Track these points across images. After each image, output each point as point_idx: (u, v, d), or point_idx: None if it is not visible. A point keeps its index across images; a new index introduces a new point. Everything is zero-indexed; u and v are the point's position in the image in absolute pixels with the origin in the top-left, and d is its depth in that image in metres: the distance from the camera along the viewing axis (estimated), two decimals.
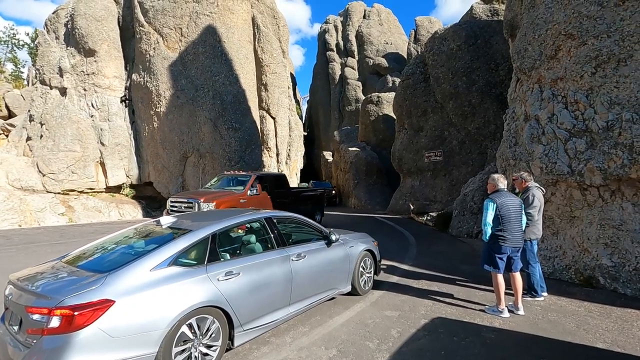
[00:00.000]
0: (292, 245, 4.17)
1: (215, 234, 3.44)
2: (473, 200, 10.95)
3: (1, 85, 30.26)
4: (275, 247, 3.93)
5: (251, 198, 10.04)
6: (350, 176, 22.48)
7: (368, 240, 5.50)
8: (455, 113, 15.57)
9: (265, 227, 4.00)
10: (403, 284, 5.77)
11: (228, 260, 3.45)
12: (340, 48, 42.07)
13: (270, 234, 3.98)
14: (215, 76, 17.17)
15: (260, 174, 11.46)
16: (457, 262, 7.24)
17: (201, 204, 8.92)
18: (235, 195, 9.95)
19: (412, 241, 9.84)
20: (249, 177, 10.84)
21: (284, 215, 4.55)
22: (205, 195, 9.57)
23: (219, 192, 10.42)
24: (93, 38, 19.27)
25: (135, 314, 2.64)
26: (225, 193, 10.24)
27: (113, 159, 19.11)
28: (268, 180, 11.22)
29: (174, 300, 2.86)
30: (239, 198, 9.84)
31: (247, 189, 10.14)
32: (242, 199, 9.89)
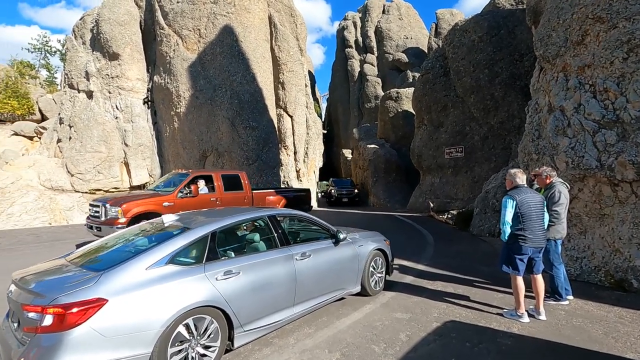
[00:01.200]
0: (296, 244, 4.06)
1: (214, 232, 3.37)
2: (495, 198, 10.48)
3: (35, 90, 31.75)
4: (279, 246, 3.82)
5: (181, 201, 8.61)
6: (369, 174, 22.17)
7: (379, 239, 5.31)
8: (476, 107, 14.98)
9: (269, 225, 3.90)
10: (417, 285, 5.55)
11: (228, 259, 3.37)
12: (359, 44, 41.64)
13: (273, 233, 3.87)
14: (232, 76, 17.31)
15: (204, 173, 10.02)
16: (476, 263, 6.91)
17: (108, 208, 7.82)
18: (158, 198, 8.54)
19: (430, 240, 9.53)
20: (185, 176, 9.48)
21: (289, 213, 4.44)
22: (115, 199, 8.28)
23: (135, 195, 9.26)
24: (117, 42, 19.89)
25: (129, 313, 2.60)
26: (143, 195, 8.98)
27: (136, 159, 19.68)
28: (217, 179, 9.63)
29: (170, 300, 2.80)
30: (162, 201, 8.45)
31: (178, 190, 8.75)
32: (168, 202, 8.45)
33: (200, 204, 8.54)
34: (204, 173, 10.11)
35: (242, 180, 10.17)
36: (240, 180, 10.15)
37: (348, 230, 5.21)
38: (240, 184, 10.06)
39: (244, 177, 10.32)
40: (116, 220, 7.69)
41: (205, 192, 9.36)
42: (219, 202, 9.25)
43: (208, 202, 9.14)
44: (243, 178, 10.26)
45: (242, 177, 10.30)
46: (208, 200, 9.21)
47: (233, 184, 9.93)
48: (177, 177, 9.76)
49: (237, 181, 10.13)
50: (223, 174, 9.95)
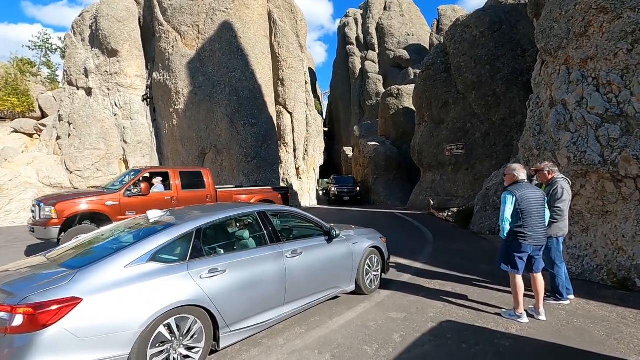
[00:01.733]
0: (288, 242, 3.92)
1: (200, 229, 3.24)
2: (496, 195, 10.31)
3: (36, 88, 31.72)
4: (268, 243, 3.69)
5: (128, 200, 7.96)
6: (369, 171, 22.01)
7: (375, 237, 5.17)
8: (478, 104, 14.79)
9: (258, 222, 3.77)
10: (414, 283, 5.41)
11: (214, 257, 3.24)
12: (360, 41, 41.35)
13: (263, 230, 3.74)
14: (231, 72, 17.17)
15: (160, 170, 9.34)
16: (475, 261, 6.76)
17: (42, 207, 7.21)
18: (100, 197, 7.83)
19: (430, 238, 9.38)
20: (137, 172, 8.83)
21: (280, 209, 4.30)
22: (50, 198, 7.75)
23: (75, 193, 8.70)
24: (115, 38, 19.77)
25: (105, 313, 2.47)
26: (84, 194, 8.32)
27: (135, 156, 19.58)
28: (174, 177, 8.88)
29: (151, 299, 2.68)
30: (106, 200, 7.76)
31: (125, 188, 8.08)
32: (112, 202, 7.79)
33: (152, 204, 7.85)
34: (160, 170, 9.46)
35: (204, 177, 9.44)
36: (202, 178, 9.42)
37: (343, 228, 5.09)
38: (202, 182, 9.34)
39: (207, 174, 9.59)
40: (49, 220, 7.03)
41: (160, 190, 8.66)
42: (175, 202, 8.59)
43: (162, 201, 8.45)
44: (206, 175, 9.52)
45: (205, 174, 9.56)
46: (162, 199, 8.50)
47: (193, 182, 9.26)
48: (132, 174, 9.04)
49: (199, 178, 9.41)
50: (182, 171, 9.27)
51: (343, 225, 5.43)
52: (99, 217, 7.61)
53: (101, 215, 7.62)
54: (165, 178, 8.92)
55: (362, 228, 5.36)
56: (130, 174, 8.95)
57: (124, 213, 7.78)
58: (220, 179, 17.73)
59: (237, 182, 16.69)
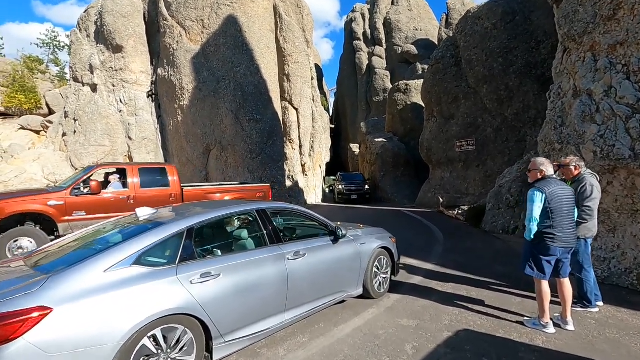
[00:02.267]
0: (289, 242, 3.61)
1: (191, 229, 2.93)
2: (510, 193, 9.88)
3: (44, 85, 31.84)
4: (268, 244, 3.37)
5: (75, 200, 7.12)
6: (377, 168, 21.60)
7: (384, 236, 4.83)
8: (490, 98, 14.29)
9: (257, 220, 3.45)
10: (425, 286, 5.06)
11: (207, 260, 2.93)
12: (367, 37, 40.81)
13: (262, 229, 3.42)
14: (236, 67, 16.87)
15: (119, 167, 8.51)
16: (490, 262, 6.37)
17: None
18: (42, 196, 7.03)
19: (440, 237, 9.00)
20: (89, 169, 8.06)
21: (281, 207, 3.97)
22: None
23: (14, 192, 7.95)
24: (120, 34, 19.61)
25: (79, 324, 2.18)
26: (24, 192, 7.53)
27: (140, 152, 19.45)
28: (132, 174, 8.04)
29: (133, 308, 2.38)
30: (48, 199, 6.94)
31: (72, 186, 7.25)
32: (56, 201, 6.96)
33: (104, 204, 7.33)
34: (117, 166, 8.69)
35: (168, 174, 8.53)
36: (165, 175, 8.53)
37: (350, 227, 4.76)
38: (166, 179, 8.45)
39: (172, 171, 8.64)
40: None
41: (117, 189, 7.88)
42: (131, 202, 7.80)
43: (116, 201, 7.67)
44: (170, 172, 8.59)
45: (170, 171, 8.64)
46: (116, 199, 7.70)
47: (155, 180, 8.43)
48: (86, 170, 8.28)
49: (161, 176, 8.53)
50: (142, 167, 8.47)
51: (350, 225, 5.10)
52: (42, 218, 6.90)
53: (42, 216, 6.88)
54: (123, 175, 8.15)
55: (370, 227, 5.02)
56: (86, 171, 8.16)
57: (71, 214, 7.07)
58: (225, 175, 17.50)
59: (242, 179, 16.46)
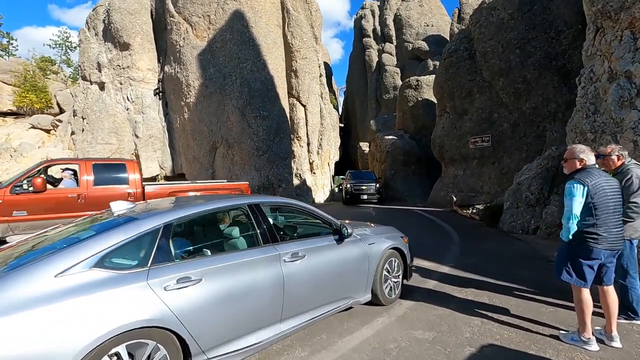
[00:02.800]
0: (287, 242, 3.16)
1: (168, 225, 2.49)
2: (529, 190, 9.26)
3: (55, 85, 32.13)
4: (261, 244, 2.92)
5: (15, 198, 6.51)
6: (387, 166, 21.03)
7: (395, 236, 4.34)
8: (506, 92, 13.62)
9: (250, 217, 3.00)
10: (442, 291, 4.55)
11: (186, 262, 2.50)
12: (377, 34, 40.13)
13: (255, 227, 2.97)
14: (242, 63, 16.53)
15: (68, 162, 7.89)
16: (512, 265, 5.81)
17: None
18: None
19: (455, 237, 8.44)
20: (37, 165, 7.46)
21: (277, 201, 3.52)
22: None
23: None
24: (127, 32, 19.50)
25: (22, 341, 1.77)
26: None
27: (147, 150, 19.31)
28: (84, 170, 7.23)
29: (90, 320, 1.96)
30: None
31: (13, 184, 6.64)
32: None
33: (50, 203, 6.66)
34: (69, 162, 7.99)
35: (128, 171, 7.66)
36: (125, 172, 7.64)
37: (358, 225, 4.29)
38: (124, 177, 7.58)
39: (133, 168, 7.76)
40: None
41: (68, 186, 7.15)
42: (83, 201, 7.06)
43: (64, 199, 6.93)
44: (131, 169, 7.70)
45: (130, 167, 7.76)
46: (64, 197, 6.94)
47: (111, 177, 7.60)
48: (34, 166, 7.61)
49: (119, 173, 7.64)
50: (96, 163, 7.64)
51: (357, 223, 4.63)
52: None
53: None
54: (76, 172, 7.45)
55: (380, 226, 4.54)
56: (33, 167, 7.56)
57: (10, 214, 6.46)
58: (232, 173, 17.18)
59: (249, 177, 16.11)
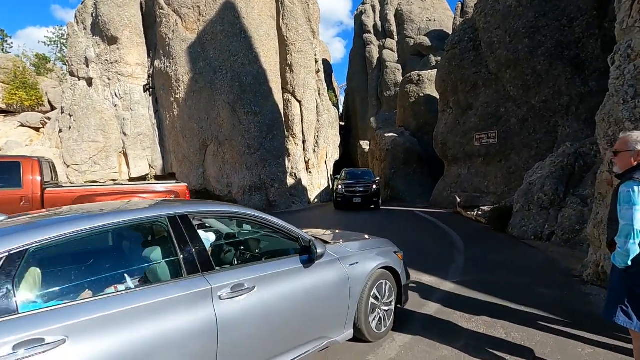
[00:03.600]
0: (227, 270, 2.25)
1: (17, 254, 1.59)
2: (542, 191, 8.32)
3: (48, 82, 31.45)
4: (184, 274, 2.02)
5: None
6: (387, 165, 20.10)
7: (387, 252, 3.43)
8: (514, 84, 12.66)
9: (170, 234, 2.09)
10: (446, 320, 3.64)
11: (44, 313, 1.59)
12: (378, 29, 39.17)
13: (176, 249, 2.06)
14: (233, 56, 15.65)
15: None
16: (529, 281, 4.90)
17: None
18: None
19: (459, 244, 7.52)
20: None
21: (218, 210, 2.51)
22: None
23: None
24: (115, 25, 18.65)
25: None
26: None
27: (135, 149, 18.46)
28: None
29: None
30: None
31: None
32: None
33: None
34: None
35: (23, 172, 6.30)
36: (18, 172, 6.27)
37: (343, 237, 3.40)
38: (18, 178, 6.22)
39: (31, 168, 6.35)
40: None
41: None
42: None
43: None
44: (27, 169, 6.32)
45: (27, 166, 6.36)
46: None
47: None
48: None
49: (10, 173, 6.28)
50: None
51: (341, 233, 3.74)
52: None
53: None
54: None
55: (368, 238, 3.63)
56: None
57: None
58: (223, 173, 16.34)
59: (241, 176, 15.26)
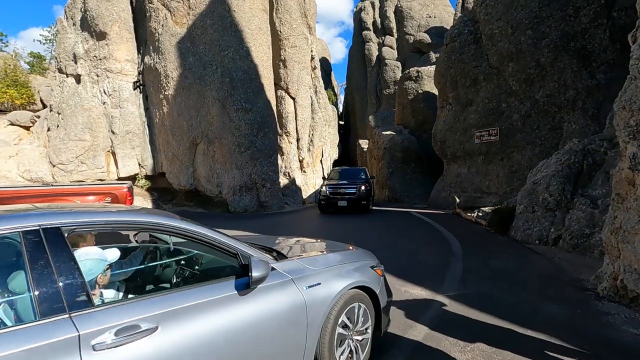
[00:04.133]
0: (113, 305, 1.60)
1: None
2: (548, 191, 7.66)
3: (42, 81, 31.01)
4: (37, 317, 1.38)
5: None
6: (384, 164, 19.44)
7: (362, 267, 2.79)
8: (516, 78, 12.00)
9: (24, 257, 1.45)
10: (436, 348, 3.00)
11: None
12: (377, 26, 38.59)
13: (29, 279, 1.42)
14: (223, 51, 15.03)
15: None
16: (536, 296, 4.25)
17: None
18: None
19: (457, 249, 6.87)
20: None
21: (113, 220, 1.79)
22: None
23: None
24: (103, 19, 18.06)
25: None
26: None
27: (124, 148, 17.87)
28: None
29: None
30: None
31: None
32: None
33: None
34: None
35: None
36: None
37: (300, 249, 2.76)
38: None
39: None
40: None
41: None
42: None
43: None
44: None
45: None
46: None
47: None
48: None
49: None
50: None
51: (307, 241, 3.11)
52: None
53: None
54: None
55: (340, 251, 2.98)
56: None
57: None
58: (213, 172, 15.73)
59: (231, 176, 14.63)
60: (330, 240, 3.51)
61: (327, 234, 8.69)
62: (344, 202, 12.66)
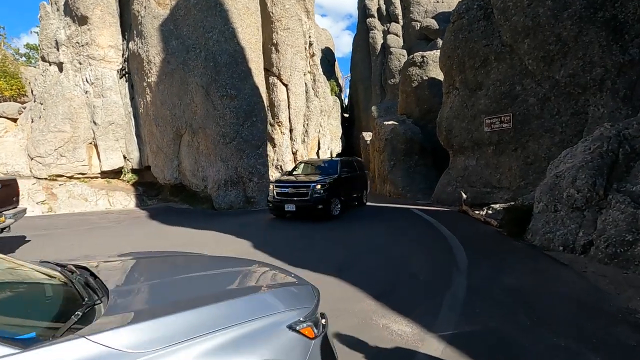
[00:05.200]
0: None
1: None
2: (574, 186, 6.26)
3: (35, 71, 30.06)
4: None
5: None
6: (385, 157, 18.03)
7: (263, 331, 1.49)
8: (533, 56, 10.47)
9: None
10: None
11: None
12: (382, 13, 36.88)
13: None
14: (208, 32, 13.74)
15: None
16: (571, 338, 2.92)
17: None
18: None
19: (461, 258, 5.54)
20: None
21: None
22: None
23: None
24: (84, 3, 16.89)
25: None
26: None
27: (107, 139, 16.79)
28: None
29: None
30: None
31: None
32: None
33: None
34: None
35: None
36: None
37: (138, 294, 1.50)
38: None
39: None
40: None
41: None
42: None
43: None
44: None
45: None
46: None
47: None
48: None
49: None
50: None
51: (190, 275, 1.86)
52: None
53: None
54: None
55: (240, 294, 1.70)
56: None
57: None
58: (198, 165, 14.55)
59: (215, 169, 13.43)
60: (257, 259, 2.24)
61: (310, 235, 7.42)
62: (291, 206, 9.62)
